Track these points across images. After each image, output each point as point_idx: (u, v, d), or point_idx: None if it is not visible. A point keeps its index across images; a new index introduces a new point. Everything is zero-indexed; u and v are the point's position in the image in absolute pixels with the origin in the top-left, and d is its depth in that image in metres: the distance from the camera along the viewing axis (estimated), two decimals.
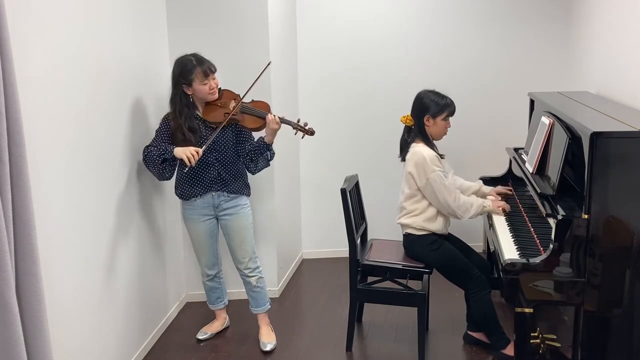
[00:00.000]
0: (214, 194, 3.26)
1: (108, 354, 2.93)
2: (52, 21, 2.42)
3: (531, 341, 2.66)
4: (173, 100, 3.17)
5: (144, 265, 3.35)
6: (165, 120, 3.21)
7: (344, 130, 4.58)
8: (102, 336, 2.87)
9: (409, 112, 3.32)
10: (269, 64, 3.34)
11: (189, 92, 3.15)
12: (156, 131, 3.22)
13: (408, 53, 4.45)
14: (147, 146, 3.18)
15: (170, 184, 3.71)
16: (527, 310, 2.59)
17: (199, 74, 3.09)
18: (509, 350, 3.14)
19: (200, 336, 3.53)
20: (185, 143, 3.11)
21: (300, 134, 3.22)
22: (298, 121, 3.22)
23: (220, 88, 3.23)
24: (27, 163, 1.99)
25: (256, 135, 3.29)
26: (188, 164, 3.02)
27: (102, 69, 2.86)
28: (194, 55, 3.16)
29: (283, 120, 3.19)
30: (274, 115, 3.15)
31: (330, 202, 4.39)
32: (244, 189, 3.33)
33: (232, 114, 3.15)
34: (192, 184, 3.25)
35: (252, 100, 3.28)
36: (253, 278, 3.39)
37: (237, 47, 3.72)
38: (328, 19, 4.42)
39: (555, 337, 2.79)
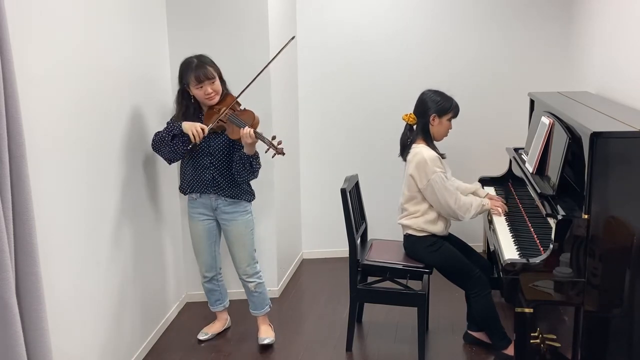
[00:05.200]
0: (212, 196, 3.26)
1: (108, 354, 2.93)
2: (52, 21, 2.42)
3: (531, 341, 2.66)
4: (176, 99, 3.25)
5: (143, 265, 3.35)
6: (173, 117, 3.27)
7: (344, 130, 4.58)
8: (102, 336, 2.87)
9: (409, 111, 3.32)
10: (292, 38, 3.32)
11: (192, 94, 3.17)
12: (167, 122, 3.27)
13: (408, 53, 4.45)
14: (157, 132, 3.23)
15: (170, 184, 3.72)
16: (527, 310, 2.59)
17: (193, 78, 3.10)
18: (511, 351, 3.13)
19: (200, 337, 3.52)
20: (183, 144, 3.16)
21: (271, 152, 3.07)
22: (273, 138, 3.09)
23: (225, 92, 3.21)
24: (27, 163, 1.99)
25: None
26: (193, 140, 3.07)
27: (102, 68, 2.86)
28: (198, 57, 3.16)
29: (257, 135, 3.05)
30: (250, 130, 3.03)
31: (330, 202, 4.39)
32: (244, 195, 3.29)
33: (219, 120, 3.12)
34: (190, 182, 3.27)
35: (244, 109, 3.22)
36: (251, 284, 3.39)
37: (237, 47, 3.72)
38: (328, 19, 4.42)
39: (555, 337, 2.79)
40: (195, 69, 3.10)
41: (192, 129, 3.07)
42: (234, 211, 3.29)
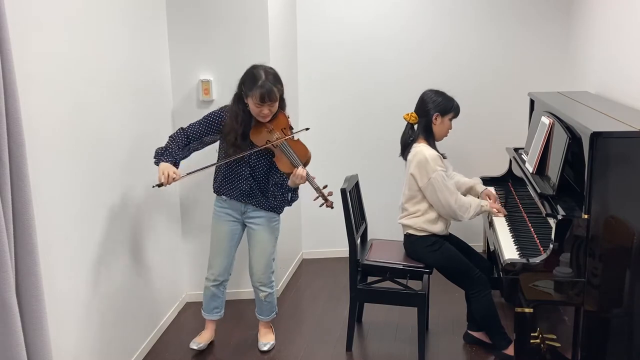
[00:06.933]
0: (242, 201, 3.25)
1: (108, 354, 2.93)
2: (52, 21, 2.42)
3: (531, 341, 2.66)
4: (234, 99, 3.13)
5: (143, 266, 3.35)
6: (221, 111, 3.17)
7: (344, 130, 4.58)
8: (102, 336, 2.87)
9: (409, 111, 3.32)
10: (306, 129, 3.26)
11: (247, 103, 3.09)
12: (206, 115, 3.17)
13: (408, 53, 4.45)
14: (182, 128, 3.13)
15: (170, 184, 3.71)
16: (527, 310, 2.60)
17: (257, 95, 3.00)
18: (511, 351, 3.13)
19: (193, 346, 3.36)
20: (235, 147, 3.08)
21: (320, 200, 3.05)
22: (324, 187, 3.06)
23: (278, 110, 3.13)
24: (27, 163, 1.99)
25: None
26: (159, 181, 2.90)
27: (102, 68, 2.86)
28: (267, 73, 3.05)
29: (309, 180, 3.04)
30: (304, 171, 3.03)
31: None
32: (275, 209, 3.27)
33: (271, 145, 3.07)
34: (225, 186, 3.23)
35: (297, 139, 3.16)
36: (262, 293, 3.36)
37: (237, 47, 3.72)
38: (328, 19, 4.42)
39: (555, 337, 2.79)
40: (261, 87, 2.99)
41: (165, 172, 2.89)
42: (262, 216, 3.26)
